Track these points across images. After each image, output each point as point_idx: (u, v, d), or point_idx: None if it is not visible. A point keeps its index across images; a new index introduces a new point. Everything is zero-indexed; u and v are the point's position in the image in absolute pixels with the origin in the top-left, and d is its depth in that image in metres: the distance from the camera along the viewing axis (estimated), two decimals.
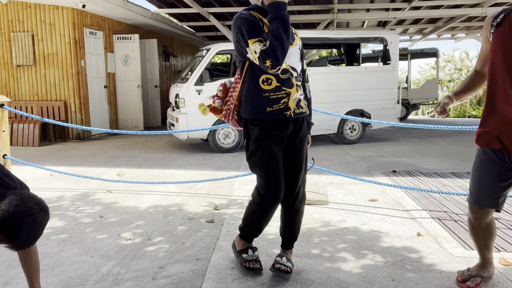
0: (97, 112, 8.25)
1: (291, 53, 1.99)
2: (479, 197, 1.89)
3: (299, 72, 2.08)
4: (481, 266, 2.08)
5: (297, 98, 2.04)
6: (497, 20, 1.73)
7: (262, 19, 1.96)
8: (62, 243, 2.71)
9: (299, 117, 2.07)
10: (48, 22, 7.46)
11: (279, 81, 1.97)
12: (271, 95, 1.98)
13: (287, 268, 2.13)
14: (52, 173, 4.78)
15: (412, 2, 8.56)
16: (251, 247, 2.29)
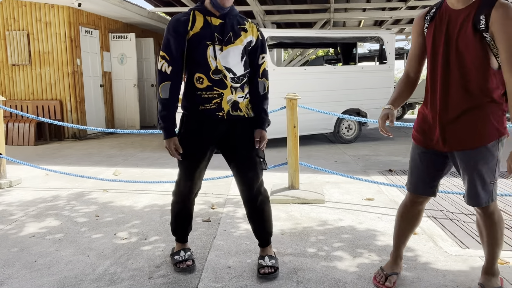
0: (93, 111, 8.22)
1: (229, 52, 1.96)
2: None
3: (240, 73, 2.01)
4: (394, 263, 2.11)
5: (232, 100, 2.01)
6: (430, 14, 1.75)
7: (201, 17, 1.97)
8: (58, 243, 2.70)
9: (234, 119, 2.04)
10: (44, 21, 7.42)
11: (210, 80, 1.97)
12: (203, 94, 1.99)
13: (272, 269, 2.14)
14: (48, 173, 4.76)
15: (408, 1, 8.59)
16: (184, 249, 2.32)
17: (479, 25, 1.59)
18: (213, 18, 1.97)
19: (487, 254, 1.94)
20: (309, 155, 5.86)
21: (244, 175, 2.11)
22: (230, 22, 2.00)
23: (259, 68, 2.12)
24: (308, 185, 3.93)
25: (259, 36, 2.10)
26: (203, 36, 1.95)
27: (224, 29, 1.97)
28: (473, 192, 1.79)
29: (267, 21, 9.74)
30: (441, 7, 1.73)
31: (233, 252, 2.52)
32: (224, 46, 1.97)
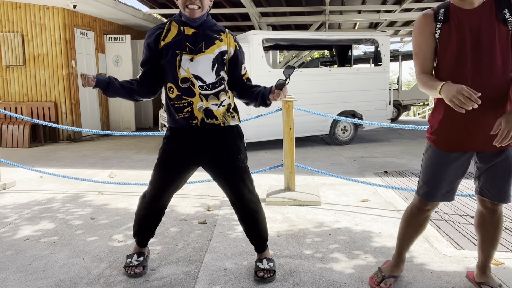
0: (88, 113, 8.18)
1: (198, 61, 1.97)
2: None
3: (210, 81, 2.00)
4: (396, 266, 2.10)
5: (204, 108, 1.99)
6: (440, 16, 1.72)
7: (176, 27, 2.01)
8: (53, 246, 2.68)
9: (210, 127, 2.02)
10: (38, 22, 7.38)
11: (179, 90, 1.99)
12: (175, 104, 2.02)
13: (270, 273, 2.15)
14: (42, 175, 4.73)
15: (403, 4, 8.65)
16: (138, 253, 2.31)
17: (505, 19, 1.63)
18: (186, 28, 2.00)
19: (487, 253, 1.97)
20: (305, 157, 5.87)
21: (230, 184, 2.08)
22: (205, 32, 2.01)
23: (242, 77, 2.12)
24: (304, 187, 3.94)
25: (237, 46, 2.09)
26: (173, 45, 1.98)
27: (196, 38, 1.99)
28: (506, 189, 1.81)
29: (262, 23, 9.76)
30: (449, 8, 1.72)
31: (230, 254, 2.52)
32: (195, 55, 1.98)
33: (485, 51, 1.66)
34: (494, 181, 1.83)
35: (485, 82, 1.68)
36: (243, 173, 2.09)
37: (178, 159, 2.06)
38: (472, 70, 1.69)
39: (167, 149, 2.07)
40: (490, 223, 1.92)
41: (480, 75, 1.68)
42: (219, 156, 2.06)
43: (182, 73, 1.98)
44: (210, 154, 2.06)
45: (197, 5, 1.93)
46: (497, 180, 1.82)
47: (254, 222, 2.18)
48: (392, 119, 9.70)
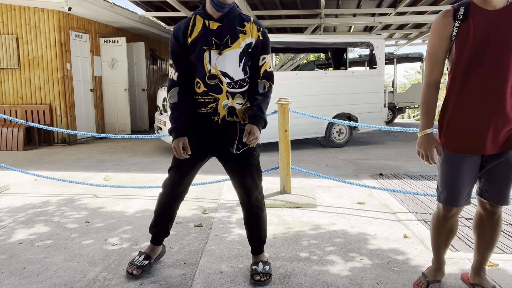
0: (83, 115, 8.15)
1: (225, 57, 1.95)
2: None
3: (238, 78, 2.00)
4: (437, 270, 2.08)
5: (228, 106, 2.01)
6: (459, 14, 1.71)
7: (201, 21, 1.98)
8: (47, 249, 2.67)
9: (230, 125, 2.04)
10: (33, 25, 7.35)
11: (206, 86, 1.99)
12: (199, 99, 2.03)
13: (266, 276, 2.15)
14: (37, 178, 4.70)
15: (397, 7, 8.71)
16: (147, 255, 2.30)
17: None
18: (211, 22, 1.96)
19: (483, 255, 1.98)
20: (301, 159, 5.88)
21: (241, 179, 2.09)
22: (229, 24, 1.97)
23: (259, 69, 2.05)
24: (300, 189, 3.94)
25: (260, 36, 2.02)
26: (200, 41, 1.95)
27: (222, 32, 1.95)
28: (505, 192, 1.83)
29: None
30: (469, 7, 1.71)
31: (225, 257, 2.51)
32: (222, 50, 1.95)
33: (503, 52, 1.66)
34: (494, 183, 1.84)
35: (499, 83, 1.69)
36: (255, 170, 2.10)
37: (197, 146, 2.07)
38: (488, 70, 1.69)
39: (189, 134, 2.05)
40: (488, 225, 1.93)
41: (495, 76, 1.68)
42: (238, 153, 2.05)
43: (209, 68, 1.97)
44: (227, 149, 2.06)
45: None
46: (497, 182, 1.83)
47: (258, 220, 2.19)
48: (387, 121, 9.75)
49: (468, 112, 1.74)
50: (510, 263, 2.37)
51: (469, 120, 1.75)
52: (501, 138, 1.75)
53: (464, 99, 1.75)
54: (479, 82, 1.71)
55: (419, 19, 9.58)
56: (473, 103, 1.73)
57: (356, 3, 8.82)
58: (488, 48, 1.67)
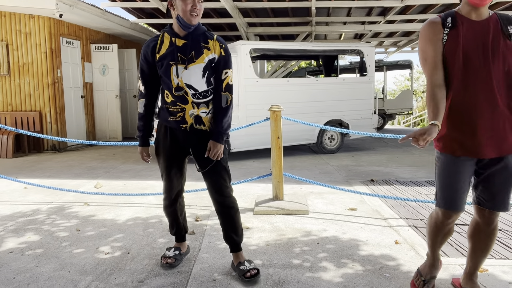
0: (73, 122, 8.09)
1: (190, 71, 2.14)
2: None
3: (202, 89, 2.18)
4: (432, 266, 2.12)
5: (194, 114, 2.20)
6: (448, 22, 1.79)
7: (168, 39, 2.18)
8: (38, 258, 2.63)
9: (197, 132, 2.24)
10: (24, 31, 7.31)
11: (173, 96, 2.20)
12: (170, 108, 2.24)
13: (256, 270, 2.27)
14: (27, 186, 4.65)
15: (387, 16, 8.85)
16: (176, 247, 2.55)
17: (510, 34, 1.75)
18: (177, 39, 2.16)
19: (476, 261, 1.99)
20: (293, 166, 5.90)
21: (210, 180, 2.28)
22: (193, 41, 2.16)
23: (222, 82, 2.22)
24: (292, 196, 3.96)
25: (222, 52, 2.20)
26: (167, 56, 2.16)
27: (187, 49, 2.15)
28: (504, 198, 1.84)
29: (250, 33, 9.84)
30: (456, 17, 1.80)
31: (218, 265, 2.51)
32: (187, 65, 2.14)
33: (491, 60, 1.74)
34: (492, 190, 1.85)
35: (489, 89, 1.74)
36: (223, 171, 2.28)
37: (173, 150, 2.30)
38: (479, 76, 1.75)
39: (164, 140, 2.31)
40: (484, 233, 1.94)
41: (485, 82, 1.75)
42: (201, 154, 2.25)
43: (176, 81, 2.16)
44: (196, 152, 2.27)
45: (197, 13, 2.10)
46: (495, 189, 1.84)
47: (232, 214, 2.33)
48: (378, 128, 9.84)
49: (463, 117, 1.79)
50: (500, 268, 2.40)
51: (464, 124, 1.79)
52: (497, 142, 1.77)
53: (458, 105, 1.79)
54: (472, 88, 1.76)
55: (408, 27, 9.74)
56: (468, 108, 1.78)
57: (346, 11, 8.94)
58: (477, 55, 1.75)
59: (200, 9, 2.11)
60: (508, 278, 2.28)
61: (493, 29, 1.75)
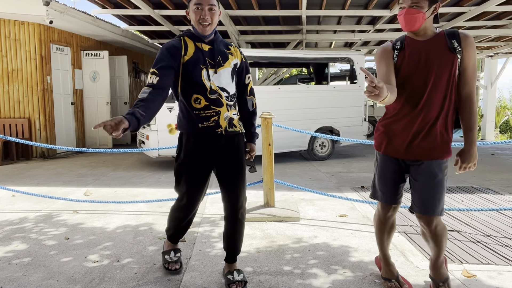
0: (63, 129, 8.01)
1: (220, 74, 2.15)
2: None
3: (232, 92, 2.21)
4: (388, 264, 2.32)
5: (228, 117, 2.18)
6: (397, 45, 2.05)
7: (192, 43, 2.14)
8: (25, 267, 2.59)
9: (231, 134, 2.20)
10: (13, 38, 7.25)
11: (207, 100, 2.12)
12: (201, 113, 2.13)
13: (242, 284, 2.24)
14: (14, 194, 4.58)
15: (376, 25, 8.98)
16: (175, 249, 2.52)
17: (454, 48, 1.94)
18: (203, 44, 2.15)
19: (435, 254, 2.15)
20: (284, 173, 5.92)
21: (233, 188, 2.20)
22: (218, 47, 2.19)
23: (246, 87, 2.32)
24: (283, 203, 3.97)
25: (243, 58, 2.29)
26: (197, 60, 2.11)
27: (214, 53, 2.16)
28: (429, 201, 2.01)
29: (241, 41, 9.90)
30: (405, 40, 2.05)
31: (209, 272, 2.50)
32: (217, 69, 2.15)
33: (430, 72, 1.96)
34: (418, 193, 2.05)
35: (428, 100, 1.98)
36: (245, 178, 2.27)
37: (203, 163, 2.19)
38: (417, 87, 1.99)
39: (192, 154, 2.17)
40: (429, 237, 2.10)
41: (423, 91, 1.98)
42: (233, 160, 2.21)
43: (208, 85, 2.12)
44: (227, 158, 2.21)
45: (208, 22, 2.08)
46: (420, 192, 2.03)
47: (240, 227, 2.27)
48: (368, 134, 9.92)
49: (398, 120, 2.05)
50: (487, 274, 2.43)
51: (398, 127, 2.05)
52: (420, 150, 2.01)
53: (398, 109, 2.05)
54: (411, 97, 2.00)
55: (397, 36, 9.89)
56: (404, 113, 2.03)
57: (336, 20, 9.05)
58: (418, 69, 1.98)
59: (213, 18, 2.08)
60: (496, 283, 2.31)
61: (437, 45, 1.97)
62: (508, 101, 19.64)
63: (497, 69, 13.22)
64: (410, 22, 1.91)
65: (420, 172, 2.02)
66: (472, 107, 1.97)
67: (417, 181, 2.04)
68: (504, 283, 2.31)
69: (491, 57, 13.11)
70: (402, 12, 1.93)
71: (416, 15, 1.89)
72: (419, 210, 2.05)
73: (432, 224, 2.04)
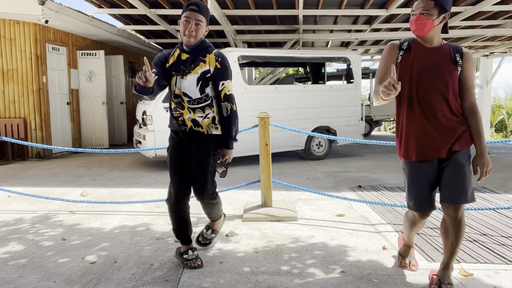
0: (58, 129, 7.97)
1: (187, 80, 2.44)
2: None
3: (195, 97, 2.46)
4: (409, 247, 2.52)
5: (191, 118, 2.49)
6: (404, 46, 2.18)
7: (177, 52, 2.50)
8: (22, 268, 2.58)
9: (195, 133, 2.51)
10: (8, 37, 7.20)
11: (174, 103, 2.53)
12: (173, 113, 2.56)
13: (207, 241, 2.85)
14: (10, 194, 4.55)
15: (372, 24, 9.00)
16: (191, 248, 2.62)
17: (457, 61, 2.11)
18: (183, 54, 2.48)
19: (450, 253, 2.17)
20: (281, 172, 5.92)
21: (198, 178, 2.52)
22: (195, 56, 2.46)
23: (220, 93, 2.50)
24: (280, 203, 3.97)
25: (218, 65, 2.45)
26: (171, 68, 2.48)
27: (187, 62, 2.46)
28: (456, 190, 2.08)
29: (238, 41, 9.89)
30: (413, 43, 2.17)
31: (207, 272, 2.49)
32: (185, 76, 2.44)
33: (437, 79, 2.10)
34: (446, 183, 2.12)
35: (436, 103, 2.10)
36: (208, 169, 2.53)
37: (177, 149, 2.57)
38: (425, 93, 2.11)
39: (171, 144, 2.60)
40: (451, 228, 2.13)
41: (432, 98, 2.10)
42: (198, 155, 2.53)
43: (175, 90, 2.48)
44: (194, 151, 2.54)
45: (193, 35, 2.38)
46: (448, 182, 2.11)
47: (206, 207, 2.70)
48: (365, 134, 9.95)
49: (416, 127, 2.15)
50: (485, 272, 2.45)
51: (418, 132, 2.14)
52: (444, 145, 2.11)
53: (411, 116, 2.16)
54: (421, 102, 2.12)
55: (393, 35, 9.92)
56: (419, 119, 2.14)
57: (333, 20, 9.06)
58: (425, 75, 2.11)
59: (197, 30, 2.36)
60: (493, 282, 2.32)
61: (442, 55, 2.11)
62: (503, 100, 19.76)
63: (492, 68, 13.30)
64: (420, 27, 2.06)
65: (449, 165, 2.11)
66: (477, 114, 2.12)
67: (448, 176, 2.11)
68: (501, 282, 2.32)
69: (487, 56, 13.18)
70: (413, 18, 2.08)
71: (426, 21, 2.04)
72: (450, 200, 2.10)
73: (460, 211, 2.11)
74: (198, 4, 2.37)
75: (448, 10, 2.09)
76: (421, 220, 2.30)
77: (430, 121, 2.11)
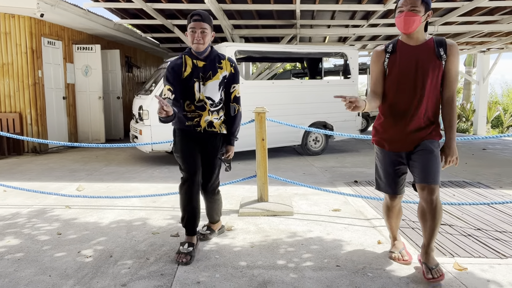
0: (55, 124, 7.93)
1: (208, 86, 2.66)
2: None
3: (217, 100, 2.71)
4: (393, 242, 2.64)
5: (209, 120, 2.71)
6: (389, 49, 2.30)
7: (190, 60, 2.67)
8: (17, 263, 2.57)
9: (210, 133, 2.73)
10: (3, 31, 7.14)
11: (195, 107, 2.69)
12: (188, 114, 2.70)
13: (201, 236, 2.94)
14: (6, 189, 4.53)
15: (370, 19, 8.98)
16: (189, 242, 2.67)
17: (441, 55, 2.19)
18: (198, 61, 2.67)
19: (429, 235, 2.27)
20: (278, 167, 5.93)
21: (206, 172, 2.78)
22: (211, 63, 2.68)
23: (230, 95, 2.79)
24: (277, 197, 3.97)
25: (232, 70, 2.75)
26: (192, 75, 2.66)
27: (206, 69, 2.67)
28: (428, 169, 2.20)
29: (235, 35, 9.85)
30: (397, 44, 2.29)
31: (203, 267, 2.50)
32: (206, 82, 2.66)
33: (421, 76, 2.20)
34: (416, 165, 2.25)
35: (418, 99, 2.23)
36: (217, 165, 2.82)
37: (189, 143, 2.72)
38: (410, 89, 2.24)
39: (182, 139, 2.72)
40: (428, 212, 2.22)
41: (415, 94, 2.23)
42: (209, 152, 2.76)
43: (199, 96, 2.66)
44: (205, 149, 2.76)
45: (201, 42, 2.58)
46: (418, 163, 2.24)
47: (211, 202, 2.91)
48: (361, 129, 9.96)
49: (392, 121, 2.31)
50: (479, 267, 2.47)
51: (394, 126, 2.30)
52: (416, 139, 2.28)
53: (392, 111, 2.31)
54: (404, 97, 2.25)
55: (390, 31, 9.91)
56: (398, 114, 2.28)
57: (330, 15, 9.03)
58: (410, 73, 2.22)
59: (204, 37, 2.56)
60: (487, 276, 2.35)
61: (427, 51, 2.21)
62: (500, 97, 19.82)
63: (489, 64, 13.32)
64: (408, 23, 2.14)
65: (418, 150, 2.26)
66: (452, 107, 2.25)
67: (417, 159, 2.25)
68: (495, 276, 2.34)
69: (484, 52, 13.20)
70: (401, 15, 2.15)
71: (414, 18, 2.13)
72: (420, 180, 2.21)
73: (433, 194, 2.19)
74: (200, 14, 2.57)
75: (430, 9, 2.19)
76: (392, 203, 2.48)
77: (407, 121, 2.25)
